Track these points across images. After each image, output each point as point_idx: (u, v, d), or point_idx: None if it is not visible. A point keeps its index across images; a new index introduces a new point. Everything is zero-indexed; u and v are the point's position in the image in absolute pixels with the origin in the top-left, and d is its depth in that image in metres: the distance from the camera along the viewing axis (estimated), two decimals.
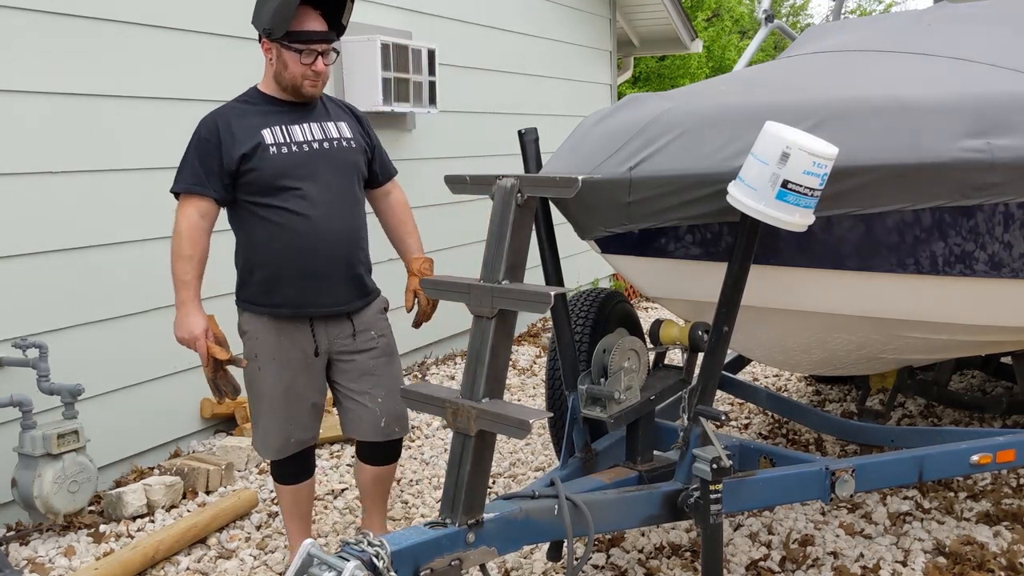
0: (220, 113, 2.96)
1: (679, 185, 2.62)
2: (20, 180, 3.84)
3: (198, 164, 2.91)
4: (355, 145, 3.08)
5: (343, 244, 3.01)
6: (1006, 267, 3.06)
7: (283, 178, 2.91)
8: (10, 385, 3.74)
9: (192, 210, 2.91)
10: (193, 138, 2.95)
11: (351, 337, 3.08)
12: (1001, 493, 3.93)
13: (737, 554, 3.44)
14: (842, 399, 5.33)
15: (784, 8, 23.85)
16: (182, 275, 2.89)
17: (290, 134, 2.96)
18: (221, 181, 2.91)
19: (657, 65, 15.69)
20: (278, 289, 2.97)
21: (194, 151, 2.93)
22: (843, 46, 4.01)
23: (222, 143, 2.89)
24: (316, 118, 3.04)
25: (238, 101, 3.02)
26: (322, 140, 3.00)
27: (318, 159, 2.97)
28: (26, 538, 3.70)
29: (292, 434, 3.06)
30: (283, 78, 2.95)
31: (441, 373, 6.17)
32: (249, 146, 2.89)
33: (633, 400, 2.98)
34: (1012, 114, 2.80)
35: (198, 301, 2.91)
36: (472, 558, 2.35)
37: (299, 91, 2.96)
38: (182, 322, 2.90)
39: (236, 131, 2.90)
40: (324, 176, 2.97)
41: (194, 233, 2.90)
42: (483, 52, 7.01)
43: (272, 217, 2.93)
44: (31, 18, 3.84)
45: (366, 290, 3.13)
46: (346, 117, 3.14)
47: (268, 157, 2.90)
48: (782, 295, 3.11)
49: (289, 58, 2.90)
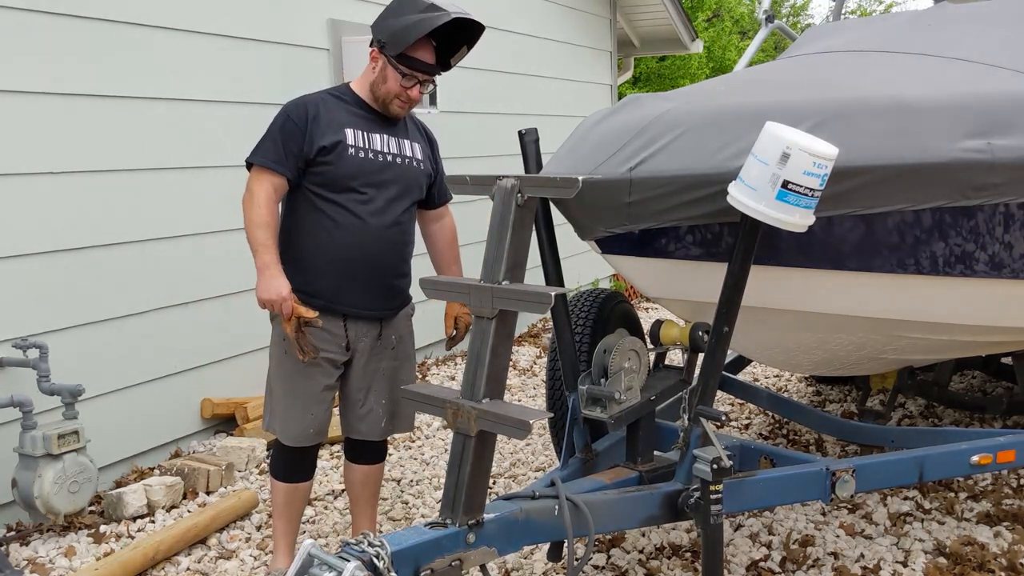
0: (311, 100, 3.04)
1: (679, 185, 2.62)
2: (20, 180, 3.84)
3: (280, 143, 2.96)
4: (423, 168, 3.18)
5: (388, 255, 3.08)
6: (1006, 267, 3.06)
7: (353, 180, 3.00)
8: (10, 385, 3.75)
9: (267, 183, 2.96)
10: (280, 116, 3.01)
11: (376, 337, 3.13)
12: (1002, 493, 3.92)
13: (737, 554, 3.44)
14: (842, 399, 5.33)
15: (784, 8, 23.85)
16: (263, 240, 2.91)
17: (370, 140, 3.05)
18: (296, 164, 2.97)
19: (657, 65, 15.69)
20: (315, 280, 3.02)
21: (279, 130, 2.98)
22: (843, 46, 4.02)
23: (308, 128, 2.96)
24: (397, 133, 3.13)
25: (329, 94, 3.11)
26: (396, 155, 3.09)
27: (389, 171, 3.06)
28: (26, 538, 3.70)
29: (310, 424, 3.09)
30: (379, 90, 3.05)
31: (441, 373, 6.17)
32: (331, 140, 2.97)
33: (633, 400, 2.98)
34: (1012, 114, 2.80)
35: (279, 265, 2.94)
36: (472, 558, 2.35)
37: (388, 108, 3.07)
38: (267, 284, 2.91)
39: (322, 122, 2.99)
40: (390, 189, 3.06)
41: (270, 203, 2.95)
42: (484, 53, 6.99)
43: (331, 213, 3.00)
44: (32, 18, 3.84)
45: (401, 299, 3.21)
46: (421, 139, 3.24)
47: (346, 156, 2.98)
48: (782, 295, 3.11)
49: (391, 75, 3.01)
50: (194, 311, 4.61)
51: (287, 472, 3.19)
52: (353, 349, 3.11)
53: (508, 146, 5.12)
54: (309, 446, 3.15)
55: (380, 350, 3.15)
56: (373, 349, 3.13)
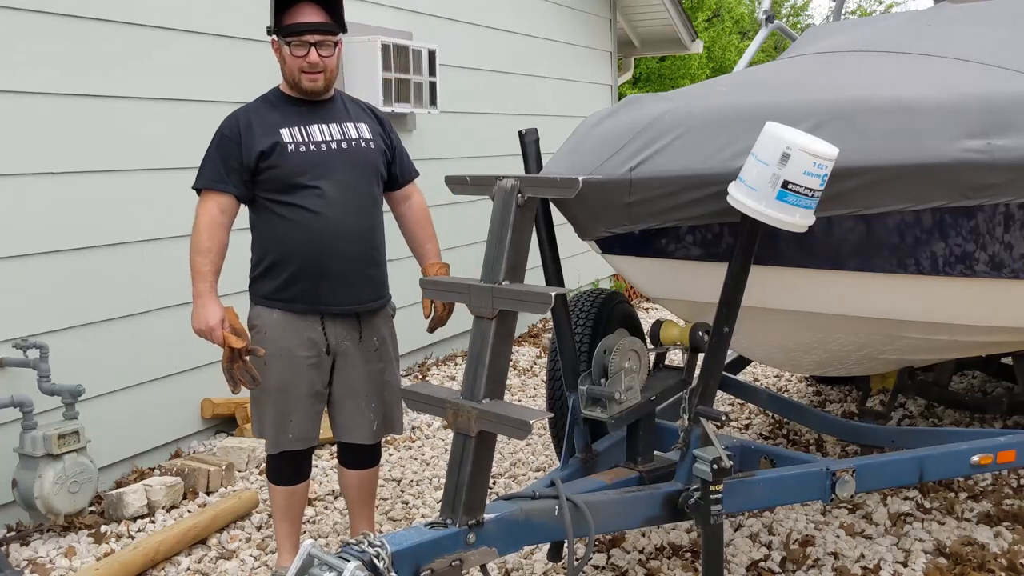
0: (242, 111, 3.02)
1: (680, 186, 2.62)
2: (21, 181, 3.84)
3: (219, 161, 2.95)
4: (374, 146, 3.10)
5: (357, 243, 3.03)
6: (1006, 268, 3.05)
7: (300, 176, 2.95)
8: (11, 386, 3.75)
9: (212, 205, 2.94)
10: (216, 136, 3.00)
11: (357, 339, 3.09)
12: (1002, 494, 3.93)
13: (738, 555, 3.44)
14: (843, 400, 5.33)
15: (784, 9, 23.84)
16: (199, 267, 2.90)
17: (308, 133, 3.00)
18: (241, 178, 2.95)
19: (658, 66, 15.69)
20: (292, 285, 3.00)
21: (216, 148, 2.98)
22: (843, 47, 4.02)
23: (242, 141, 2.94)
24: (335, 118, 3.07)
25: (260, 99, 3.07)
26: (340, 140, 3.03)
27: (335, 159, 3.00)
28: (27, 539, 3.70)
29: (290, 430, 3.06)
30: (285, 73, 3.01)
31: (442, 374, 6.17)
32: (267, 144, 2.93)
33: (634, 401, 2.98)
34: (1013, 115, 2.80)
35: (214, 293, 2.92)
36: (473, 558, 2.35)
37: (299, 86, 2.99)
38: (198, 313, 2.90)
39: (256, 129, 2.95)
40: (341, 176, 3.00)
41: (212, 227, 2.92)
42: (484, 53, 7.02)
43: (288, 214, 2.96)
44: (32, 18, 3.84)
45: (379, 291, 3.14)
46: (366, 118, 3.16)
47: (286, 155, 2.94)
48: (783, 296, 3.11)
49: (286, 53, 2.96)
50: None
51: (283, 476, 3.18)
52: (335, 352, 3.07)
53: (508, 146, 5.12)
54: (300, 451, 3.13)
55: (364, 352, 3.10)
56: (356, 352, 3.09)
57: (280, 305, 3.00)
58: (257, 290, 3.07)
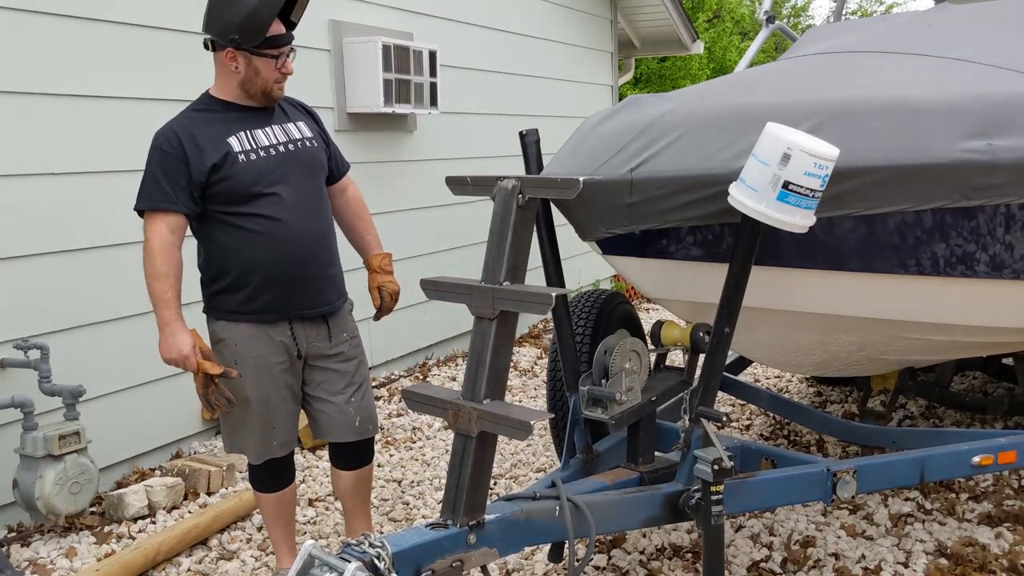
0: (176, 124, 2.89)
1: (680, 186, 2.62)
2: (21, 181, 3.84)
3: (163, 179, 2.82)
4: (316, 144, 3.07)
5: (318, 245, 3.00)
6: (1007, 268, 3.05)
7: (256, 185, 2.87)
8: (11, 386, 3.75)
9: (162, 226, 2.82)
10: (153, 154, 2.86)
11: (327, 340, 3.06)
12: (1003, 494, 3.92)
13: (738, 555, 3.44)
14: (843, 400, 5.33)
15: (785, 9, 23.84)
16: (161, 294, 2.80)
17: (255, 139, 2.93)
18: (190, 194, 2.83)
19: (658, 66, 15.68)
20: (259, 295, 2.92)
21: (157, 166, 2.84)
22: (844, 47, 4.02)
23: (188, 156, 2.82)
24: (277, 120, 3.01)
25: (193, 110, 2.95)
26: (287, 142, 2.98)
27: (287, 162, 2.95)
28: (27, 539, 3.70)
29: (275, 438, 3.05)
30: (254, 85, 2.91)
31: (442, 374, 6.17)
32: (218, 156, 2.83)
33: (634, 401, 2.98)
34: (1013, 115, 2.79)
35: (181, 319, 2.84)
36: (473, 559, 2.36)
37: (270, 95, 2.95)
38: (168, 342, 2.83)
39: (201, 142, 2.84)
40: (294, 179, 2.95)
41: (166, 250, 2.81)
42: (484, 53, 7.02)
43: (248, 225, 2.88)
44: (32, 19, 3.84)
45: (341, 290, 3.13)
46: (303, 116, 3.12)
47: (239, 164, 2.85)
48: (783, 296, 3.11)
49: (261, 65, 2.88)
50: (195, 312, 4.60)
51: (271, 483, 3.15)
52: (306, 355, 3.04)
53: (509, 147, 5.12)
54: (280, 457, 3.11)
55: (334, 352, 3.07)
56: (326, 352, 3.06)
57: (247, 318, 2.94)
58: (219, 305, 2.99)
